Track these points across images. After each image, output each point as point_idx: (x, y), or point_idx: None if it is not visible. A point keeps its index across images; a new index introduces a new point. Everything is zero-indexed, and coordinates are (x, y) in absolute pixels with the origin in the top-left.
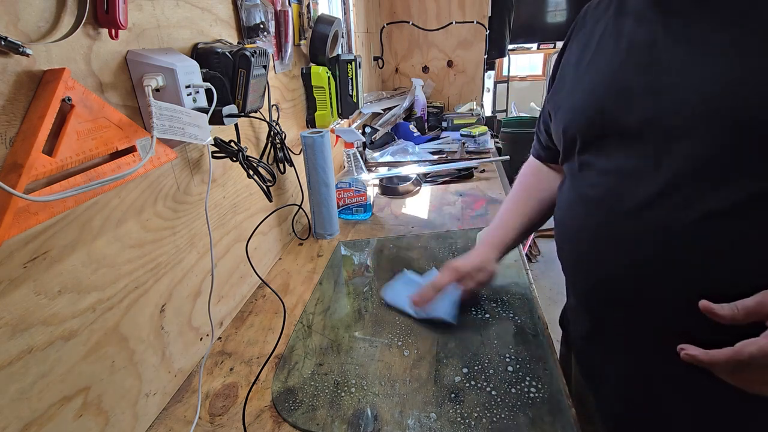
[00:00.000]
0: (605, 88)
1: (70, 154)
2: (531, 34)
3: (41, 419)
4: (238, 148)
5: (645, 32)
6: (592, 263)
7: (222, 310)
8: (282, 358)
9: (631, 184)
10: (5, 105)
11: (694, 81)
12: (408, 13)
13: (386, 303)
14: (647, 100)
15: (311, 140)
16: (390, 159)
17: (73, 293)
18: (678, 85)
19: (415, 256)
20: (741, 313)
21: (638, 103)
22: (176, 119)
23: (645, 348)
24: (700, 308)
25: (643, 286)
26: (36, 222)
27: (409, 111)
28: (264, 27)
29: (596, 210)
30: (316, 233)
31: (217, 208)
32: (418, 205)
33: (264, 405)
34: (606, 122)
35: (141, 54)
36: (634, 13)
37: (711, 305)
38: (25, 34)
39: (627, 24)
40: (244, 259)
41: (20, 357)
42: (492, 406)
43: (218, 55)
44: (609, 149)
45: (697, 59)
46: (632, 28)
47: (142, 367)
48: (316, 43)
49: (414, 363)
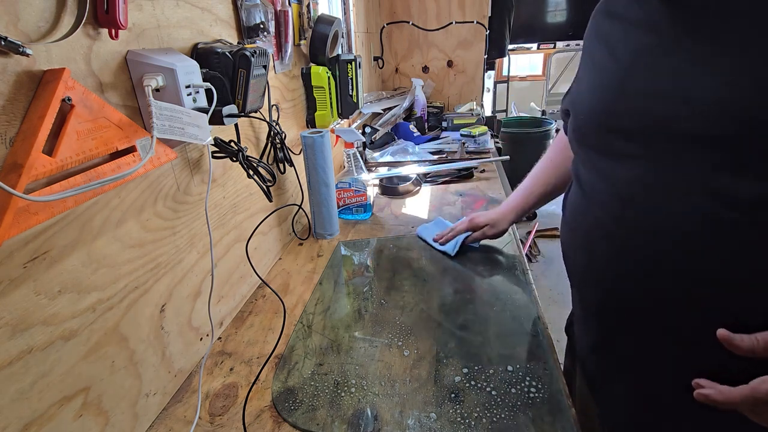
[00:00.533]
0: (613, 88)
1: (70, 154)
2: (531, 34)
3: (41, 419)
4: (238, 148)
5: (653, 28)
6: (602, 273)
7: (222, 310)
8: (282, 358)
9: (640, 189)
10: (5, 105)
11: (701, 81)
12: (408, 13)
13: (417, 235)
14: (654, 102)
15: (311, 140)
16: (390, 159)
17: (73, 293)
18: (685, 86)
19: (415, 256)
20: (762, 345)
21: (643, 105)
22: (176, 119)
23: (655, 366)
24: (718, 338)
25: (655, 297)
26: (36, 222)
27: (409, 111)
28: (264, 27)
29: (604, 216)
30: (316, 233)
31: (217, 208)
32: (418, 205)
33: (264, 405)
34: (611, 123)
35: (141, 54)
36: (644, 6)
37: (730, 335)
38: (25, 34)
39: (637, 18)
40: (244, 259)
41: (20, 357)
42: (492, 406)
43: (218, 55)
44: (615, 152)
45: (707, 59)
46: (642, 23)
47: (142, 367)
48: (316, 43)
49: (414, 363)
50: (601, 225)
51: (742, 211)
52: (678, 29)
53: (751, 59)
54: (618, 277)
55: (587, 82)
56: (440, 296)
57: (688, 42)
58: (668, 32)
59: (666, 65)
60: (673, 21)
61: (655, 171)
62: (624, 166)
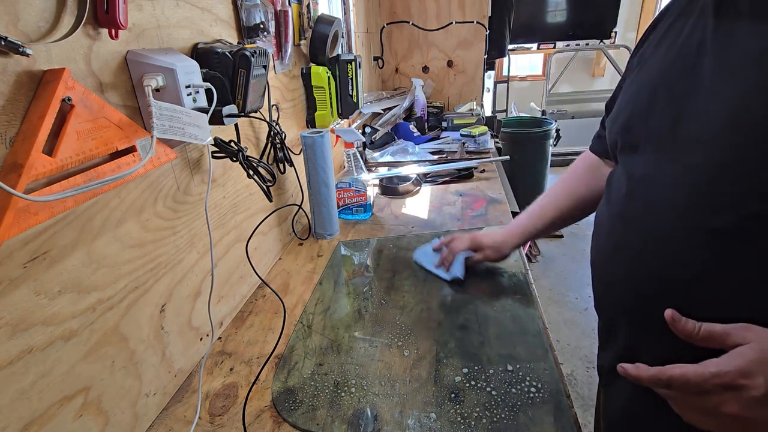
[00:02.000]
0: (647, 93)
1: (70, 154)
2: (531, 34)
3: (41, 419)
4: (238, 148)
5: (695, 36)
6: (623, 280)
7: (222, 310)
8: (282, 358)
9: (668, 194)
10: (5, 105)
11: (724, 91)
12: (408, 13)
13: (415, 261)
14: (683, 109)
15: (311, 140)
16: (390, 159)
17: (73, 293)
18: (711, 93)
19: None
20: (702, 334)
21: (672, 111)
22: (176, 119)
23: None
24: (665, 318)
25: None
26: (36, 222)
27: (409, 111)
28: (264, 27)
29: (630, 224)
30: (316, 233)
31: (217, 208)
32: (418, 205)
33: (264, 405)
34: (639, 128)
35: (141, 54)
36: (697, 13)
37: (676, 315)
38: (25, 34)
39: (686, 26)
40: (244, 259)
41: (20, 357)
42: (492, 406)
43: (218, 55)
44: (641, 156)
45: (735, 68)
46: (688, 31)
47: (142, 367)
48: (316, 43)
49: (414, 363)
50: (628, 230)
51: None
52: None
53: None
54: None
55: (630, 84)
56: (440, 296)
57: (722, 46)
58: (710, 36)
59: (698, 69)
60: (717, 24)
61: (679, 175)
62: (647, 169)
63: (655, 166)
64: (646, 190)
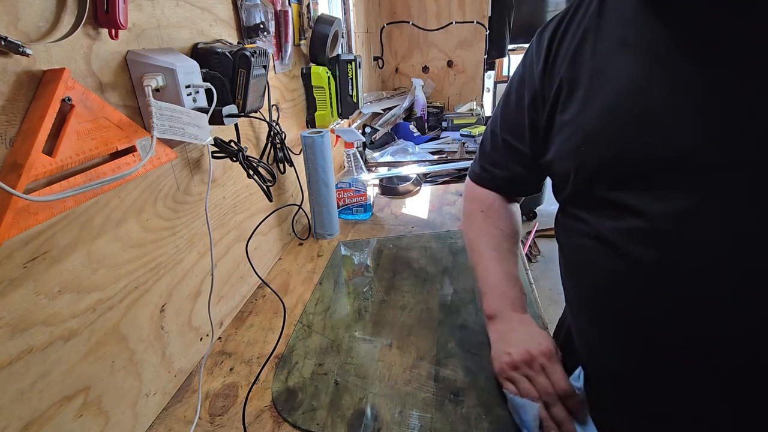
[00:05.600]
0: (630, 111)
1: (70, 154)
2: (531, 34)
3: (41, 419)
4: (238, 148)
5: (668, 37)
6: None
7: (222, 310)
8: (282, 358)
9: (683, 225)
10: (5, 105)
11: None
12: (408, 13)
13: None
14: (688, 127)
15: (311, 140)
16: (390, 159)
17: (73, 293)
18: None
19: (415, 256)
20: None
21: (674, 132)
22: (176, 119)
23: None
24: None
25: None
26: (36, 222)
27: (409, 111)
28: (264, 27)
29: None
30: (316, 233)
31: (217, 208)
32: (418, 205)
33: (264, 405)
34: (637, 155)
35: (141, 54)
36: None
37: None
38: (25, 34)
39: (645, 27)
40: (244, 259)
41: (20, 357)
42: (492, 406)
43: (218, 55)
44: (644, 186)
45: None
46: (653, 32)
47: (142, 367)
48: (316, 43)
49: (414, 363)
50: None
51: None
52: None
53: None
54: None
55: (587, 101)
56: (440, 296)
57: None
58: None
59: (686, 81)
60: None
61: (698, 205)
62: (656, 200)
63: (719, 194)
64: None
